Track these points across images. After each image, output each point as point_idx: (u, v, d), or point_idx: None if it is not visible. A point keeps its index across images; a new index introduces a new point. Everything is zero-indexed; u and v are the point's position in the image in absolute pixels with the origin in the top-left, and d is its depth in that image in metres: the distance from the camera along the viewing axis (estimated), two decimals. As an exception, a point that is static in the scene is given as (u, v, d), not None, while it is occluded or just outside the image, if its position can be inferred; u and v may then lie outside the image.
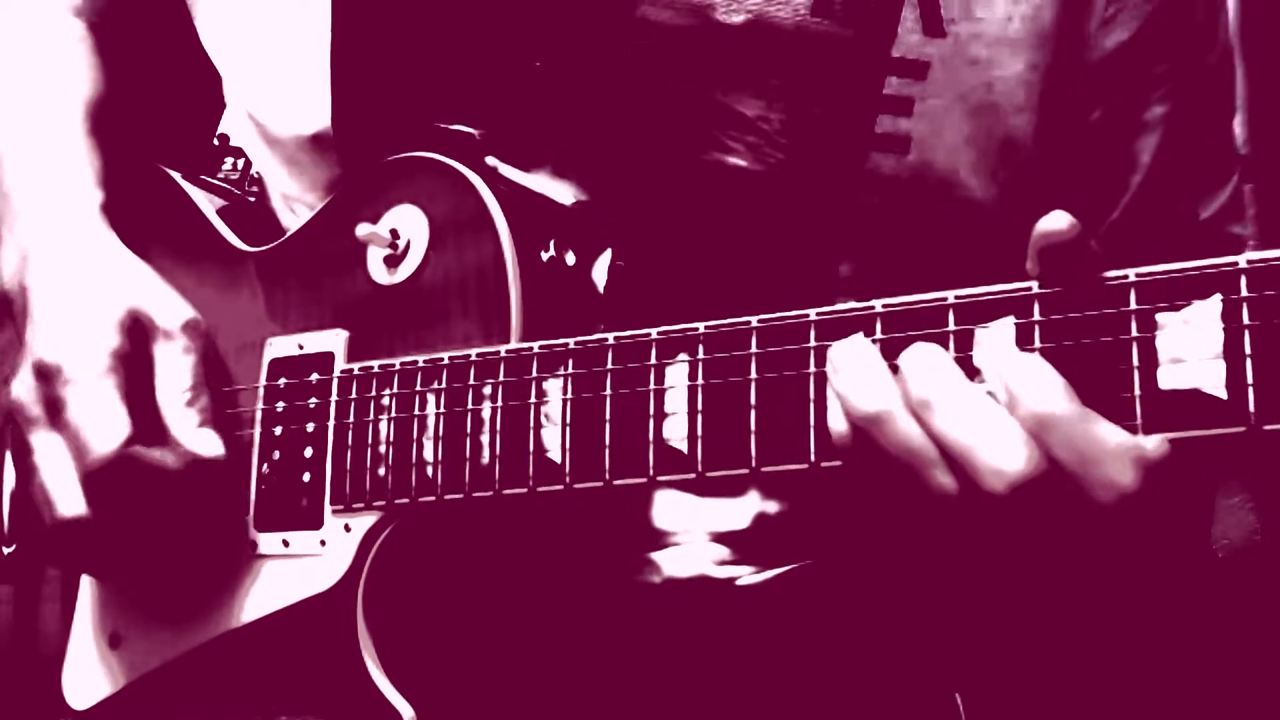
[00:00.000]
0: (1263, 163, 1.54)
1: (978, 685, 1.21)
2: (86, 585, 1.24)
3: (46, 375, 1.13)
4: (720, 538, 1.15)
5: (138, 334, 1.15)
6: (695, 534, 1.15)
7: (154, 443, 1.12)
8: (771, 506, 1.15)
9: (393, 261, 1.10)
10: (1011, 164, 1.12)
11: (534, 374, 0.98)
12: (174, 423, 1.12)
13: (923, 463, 0.79)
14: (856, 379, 0.81)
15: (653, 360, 0.93)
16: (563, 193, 1.15)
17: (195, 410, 1.13)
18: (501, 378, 1.00)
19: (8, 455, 1.35)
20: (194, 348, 1.16)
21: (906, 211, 1.13)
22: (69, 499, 1.11)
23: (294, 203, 1.31)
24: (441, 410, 1.03)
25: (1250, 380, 0.72)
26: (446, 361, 1.03)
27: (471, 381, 1.01)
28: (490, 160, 1.16)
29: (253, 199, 1.32)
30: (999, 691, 1.23)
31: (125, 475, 1.10)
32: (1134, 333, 0.76)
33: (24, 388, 1.15)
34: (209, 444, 1.12)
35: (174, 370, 1.15)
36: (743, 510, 1.15)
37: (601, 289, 1.10)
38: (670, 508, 1.14)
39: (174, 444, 1.12)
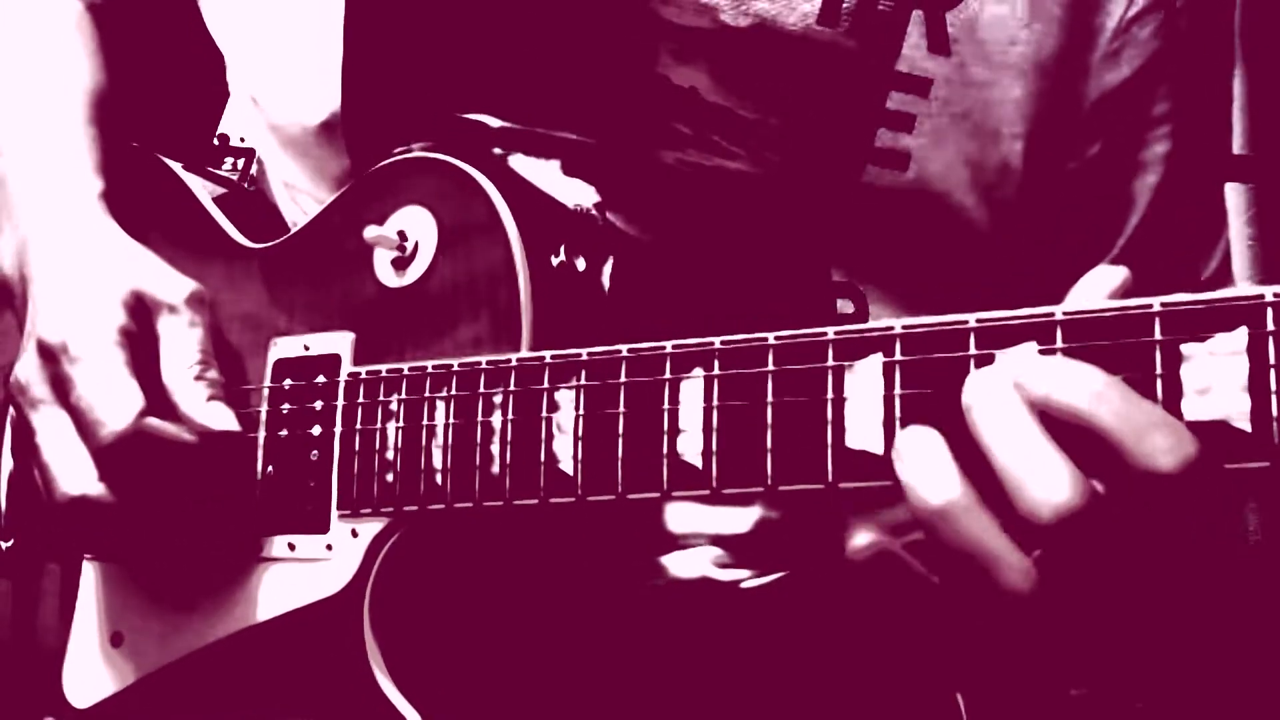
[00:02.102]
0: (1263, 163, 1.54)
1: (978, 685, 1.22)
2: (88, 582, 1.23)
3: (51, 354, 1.12)
4: (723, 541, 1.16)
5: (142, 313, 1.14)
6: (699, 537, 1.15)
7: (165, 418, 1.10)
8: (775, 512, 1.15)
9: (400, 264, 1.09)
10: (1004, 188, 1.12)
11: (545, 384, 0.98)
12: (182, 398, 1.11)
13: (993, 555, 0.77)
14: (924, 468, 0.78)
15: (667, 374, 0.93)
16: (570, 190, 1.14)
17: (204, 384, 1.12)
18: (512, 387, 0.99)
19: (5, 448, 1.35)
20: (199, 321, 1.14)
21: (901, 224, 1.13)
22: (78, 475, 1.09)
23: (296, 192, 1.30)
24: (451, 418, 1.02)
25: (1275, 414, 0.72)
26: (456, 368, 1.02)
27: (482, 389, 1.01)
28: (498, 150, 1.15)
29: (252, 189, 1.32)
30: (999, 691, 1.23)
31: (138, 451, 1.09)
32: (1158, 363, 0.75)
33: (27, 368, 1.13)
34: (220, 418, 1.11)
35: (179, 344, 1.13)
36: (746, 515, 1.15)
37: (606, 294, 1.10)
38: (676, 512, 1.14)
39: (184, 419, 1.10)
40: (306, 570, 1.09)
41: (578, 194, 1.15)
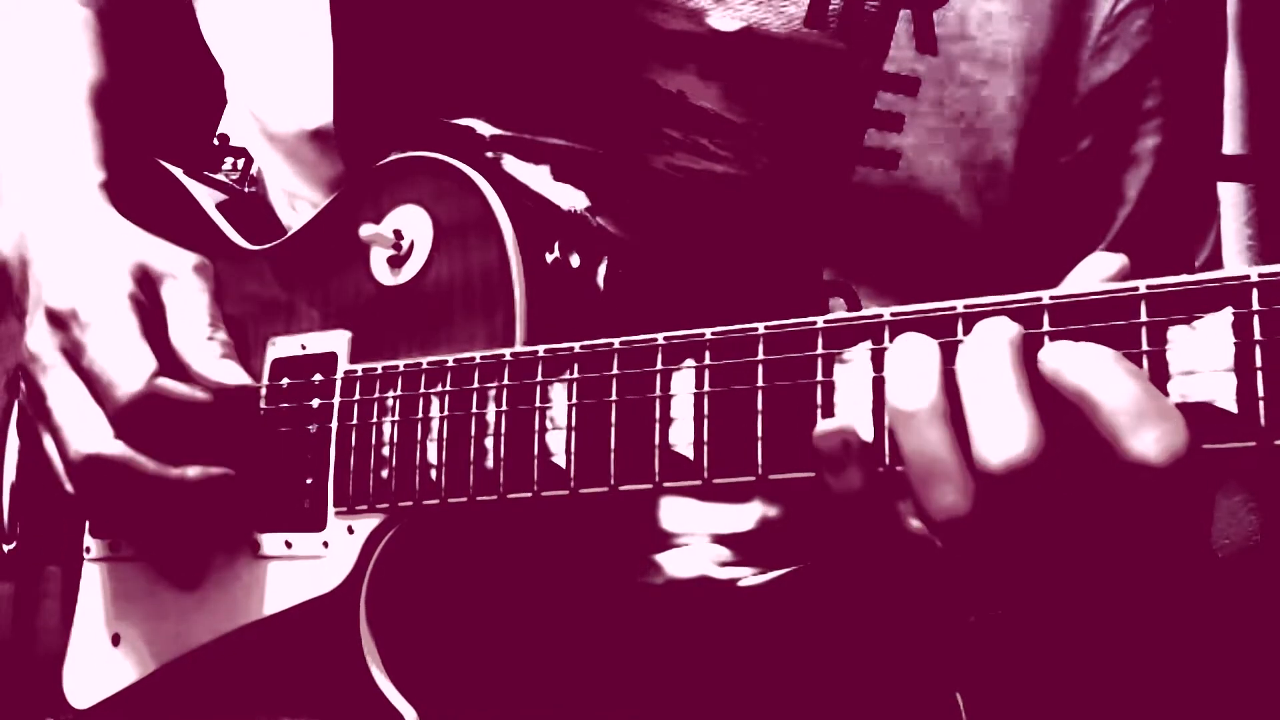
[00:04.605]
0: (1263, 163, 1.54)
1: (978, 685, 1.21)
2: (87, 584, 1.24)
3: (61, 321, 1.14)
4: (722, 539, 1.16)
5: (147, 283, 1.16)
6: (698, 536, 1.15)
7: (178, 379, 1.12)
8: (774, 510, 1.15)
9: (396, 262, 1.10)
10: (996, 187, 1.12)
11: (539, 378, 0.98)
12: (194, 358, 1.12)
13: (939, 469, 0.79)
14: (906, 370, 0.81)
15: (659, 365, 0.93)
16: (561, 194, 1.15)
17: (214, 344, 1.14)
18: (506, 381, 1.00)
19: (7, 451, 1.36)
20: (204, 287, 1.16)
21: (892, 224, 1.13)
22: (92, 434, 1.10)
23: (295, 199, 1.31)
24: (445, 413, 1.02)
25: (1261, 394, 0.72)
26: (450, 364, 1.03)
27: (476, 384, 1.01)
28: (491, 155, 1.16)
29: (254, 195, 1.32)
30: (999, 691, 1.23)
31: (152, 413, 1.10)
32: (1144, 345, 0.75)
33: (37, 337, 1.15)
34: (232, 373, 1.13)
35: (187, 309, 1.15)
36: (746, 513, 1.15)
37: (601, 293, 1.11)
38: (674, 510, 1.14)
39: (196, 378, 1.12)
40: (303, 567, 1.09)
41: (568, 198, 1.15)
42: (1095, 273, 0.81)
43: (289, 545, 1.10)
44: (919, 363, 0.80)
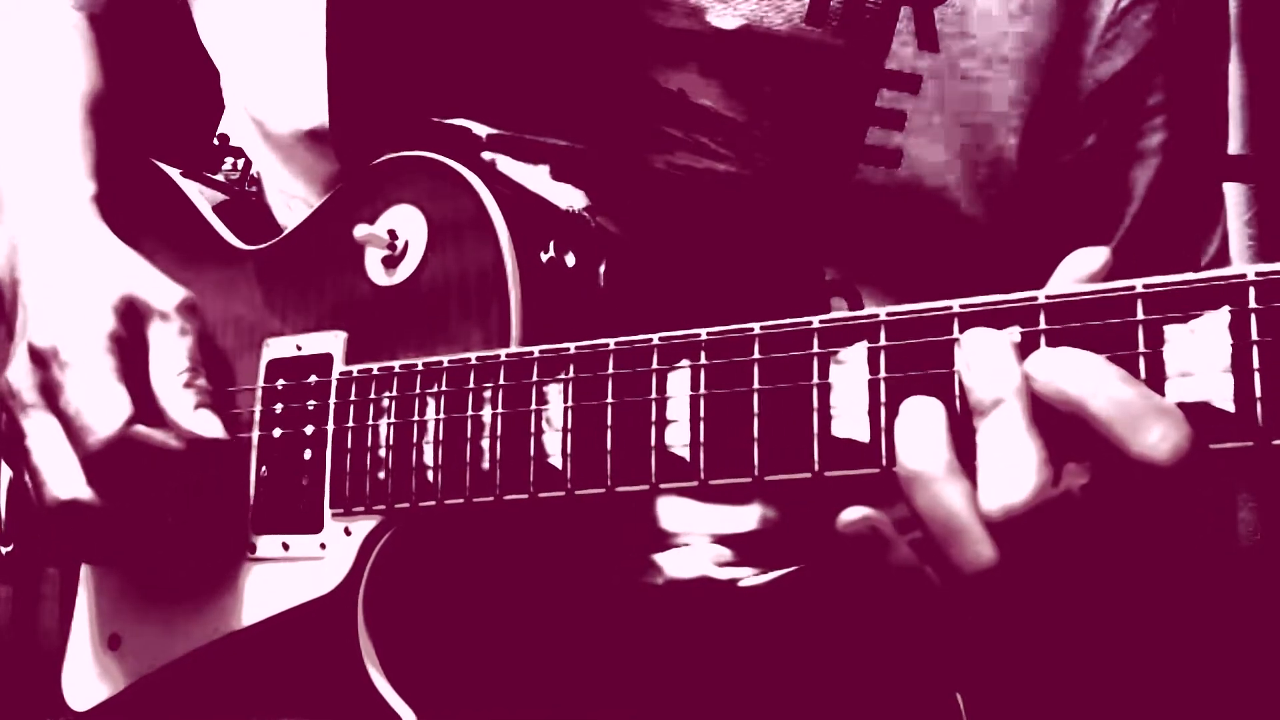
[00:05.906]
0: (1263, 163, 1.54)
1: (978, 685, 1.21)
2: (85, 586, 1.24)
3: (42, 359, 1.13)
4: (722, 540, 1.15)
5: (132, 318, 1.15)
6: (698, 536, 1.15)
7: (153, 424, 1.11)
8: (774, 511, 1.15)
9: (391, 263, 1.09)
10: (1000, 184, 1.12)
11: (534, 378, 0.98)
12: (170, 404, 1.12)
13: (959, 526, 0.79)
14: (913, 433, 0.81)
15: (654, 366, 0.92)
16: (559, 194, 1.14)
17: (192, 391, 1.12)
18: (501, 382, 0.99)
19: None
20: (189, 329, 1.15)
21: (895, 221, 1.13)
22: (67, 480, 1.10)
23: (292, 199, 1.31)
24: (441, 414, 1.02)
25: (1259, 394, 0.71)
26: (446, 365, 1.03)
27: (471, 385, 1.01)
28: (487, 155, 1.15)
29: (253, 196, 1.32)
30: (999, 691, 1.23)
31: (126, 457, 1.10)
32: (1141, 344, 0.75)
33: (18, 373, 1.14)
34: (207, 424, 1.11)
35: (169, 351, 1.14)
36: (746, 514, 1.15)
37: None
38: (674, 511, 1.14)
39: (172, 425, 1.11)
40: (300, 569, 1.09)
41: (567, 198, 1.15)
42: (1081, 267, 0.80)
43: (286, 547, 1.10)
44: (926, 423, 0.80)
